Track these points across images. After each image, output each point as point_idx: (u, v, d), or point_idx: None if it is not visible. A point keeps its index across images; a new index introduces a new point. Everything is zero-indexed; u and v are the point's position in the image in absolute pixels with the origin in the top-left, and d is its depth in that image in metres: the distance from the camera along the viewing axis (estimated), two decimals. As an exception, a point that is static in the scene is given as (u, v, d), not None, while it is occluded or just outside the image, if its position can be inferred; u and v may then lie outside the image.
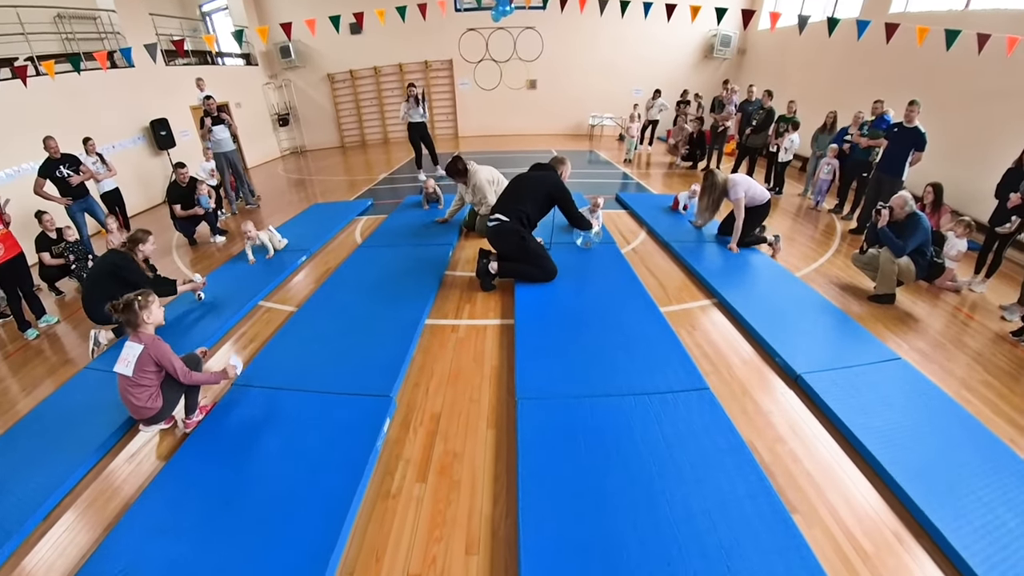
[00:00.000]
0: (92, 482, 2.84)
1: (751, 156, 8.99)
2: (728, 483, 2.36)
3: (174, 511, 2.45)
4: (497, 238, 4.73)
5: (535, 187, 4.80)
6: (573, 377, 3.24)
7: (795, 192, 8.46)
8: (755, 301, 4.26)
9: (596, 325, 3.90)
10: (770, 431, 2.90)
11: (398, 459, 2.79)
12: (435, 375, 3.52)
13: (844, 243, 6.04)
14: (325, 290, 4.85)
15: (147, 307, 3.01)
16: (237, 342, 4.24)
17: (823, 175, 7.38)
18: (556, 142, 13.60)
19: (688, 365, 3.33)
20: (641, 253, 5.65)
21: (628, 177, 9.66)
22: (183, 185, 6.83)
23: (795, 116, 8.09)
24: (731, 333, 3.99)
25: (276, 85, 14.87)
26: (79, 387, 3.66)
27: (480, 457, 2.75)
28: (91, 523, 2.58)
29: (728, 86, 10.01)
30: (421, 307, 4.29)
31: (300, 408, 3.14)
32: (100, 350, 4.22)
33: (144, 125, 9.79)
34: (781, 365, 3.47)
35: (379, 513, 2.46)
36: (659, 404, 2.93)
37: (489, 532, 2.32)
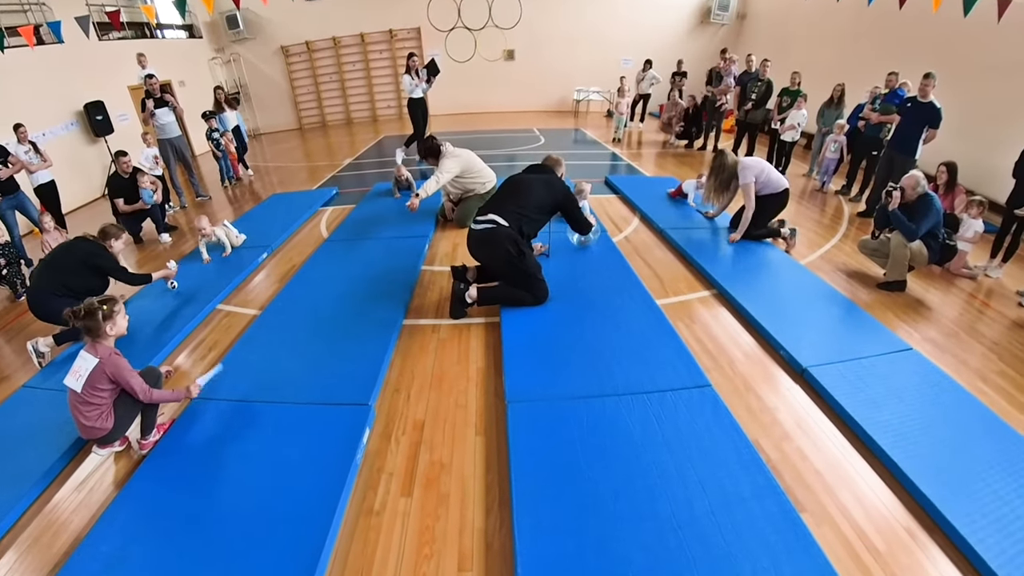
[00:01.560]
0: (35, 516, 2.80)
1: (751, 133, 9.17)
2: (733, 484, 2.48)
3: (132, 542, 2.43)
4: (485, 247, 4.24)
5: (540, 192, 4.39)
6: (565, 377, 3.35)
7: (799, 172, 8.66)
8: (757, 292, 4.40)
9: (588, 321, 4.01)
10: (776, 428, 3.03)
11: (380, 472, 2.85)
12: (416, 380, 3.60)
13: (852, 227, 6.22)
14: (290, 290, 4.89)
15: (111, 317, 2.93)
16: (195, 351, 4.25)
17: (829, 154, 7.55)
18: (537, 119, 13.68)
19: (688, 361, 3.45)
20: (634, 242, 5.78)
21: (618, 158, 9.80)
22: (125, 176, 6.72)
23: (799, 89, 8.22)
24: (732, 326, 4.12)
25: (224, 60, 14.68)
26: (17, 408, 3.59)
27: (469, 466, 2.83)
28: (36, 564, 2.55)
29: (726, 56, 10.13)
30: (398, 306, 4.36)
31: (269, 421, 3.17)
32: (46, 360, 4.14)
33: (78, 109, 9.60)
34: (786, 358, 3.61)
35: (362, 531, 2.52)
36: (658, 403, 3.05)
37: (483, 546, 2.40)
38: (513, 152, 10.16)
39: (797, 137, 8.26)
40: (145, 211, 6.80)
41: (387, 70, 15.20)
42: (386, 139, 12.78)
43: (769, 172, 5.38)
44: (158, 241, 6.81)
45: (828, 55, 10.03)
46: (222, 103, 9.55)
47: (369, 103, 15.72)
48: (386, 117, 15.84)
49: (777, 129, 8.41)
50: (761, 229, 5.45)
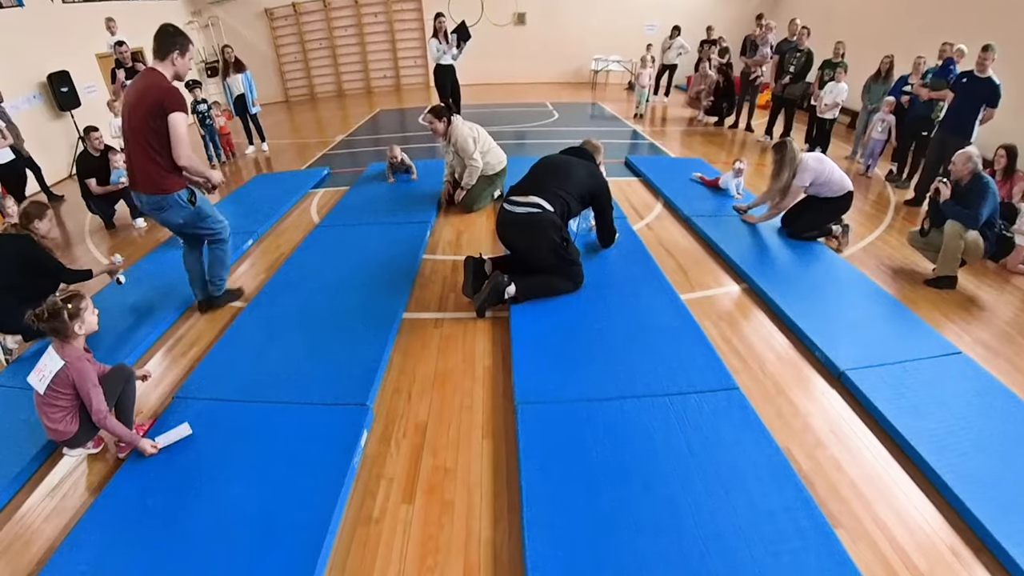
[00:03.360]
0: (5, 523, 2.85)
1: (788, 110, 9.17)
2: (762, 495, 2.53)
3: (110, 552, 2.48)
4: (526, 234, 4.20)
5: (583, 177, 4.38)
6: (580, 378, 3.41)
7: (842, 155, 8.64)
8: (792, 287, 4.44)
9: (605, 316, 4.07)
10: (809, 435, 3.08)
11: (379, 478, 2.92)
12: (418, 379, 3.67)
13: (899, 217, 6.24)
14: (279, 280, 4.96)
15: (78, 315, 2.93)
16: (175, 347, 4.31)
17: (876, 134, 7.50)
18: (550, 92, 13.68)
19: (714, 362, 3.50)
20: (657, 230, 5.82)
21: (639, 136, 9.84)
22: (96, 154, 6.74)
23: (843, 61, 8.16)
24: (764, 324, 4.17)
25: (201, 24, 14.70)
26: None
27: (476, 472, 2.90)
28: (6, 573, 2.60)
29: (763, 23, 10.04)
30: (397, 298, 4.44)
31: (259, 423, 3.23)
32: (13, 357, 4.21)
33: (41, 80, 9.59)
34: (822, 360, 3.65)
35: (360, 540, 2.58)
36: (681, 407, 3.11)
37: (491, 557, 2.46)
38: (523, 129, 10.22)
39: (837, 115, 8.25)
40: (119, 193, 6.78)
41: (383, 36, 15.27)
42: (382, 113, 12.84)
43: (831, 173, 5.19)
44: (132, 226, 6.83)
45: (875, 23, 10.00)
46: (229, 65, 9.44)
47: (363, 74, 15.81)
48: (382, 89, 15.90)
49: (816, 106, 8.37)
50: (815, 231, 5.34)
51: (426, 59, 15.10)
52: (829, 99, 8.06)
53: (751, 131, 9.83)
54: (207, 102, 9.23)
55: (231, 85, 9.48)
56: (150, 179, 3.92)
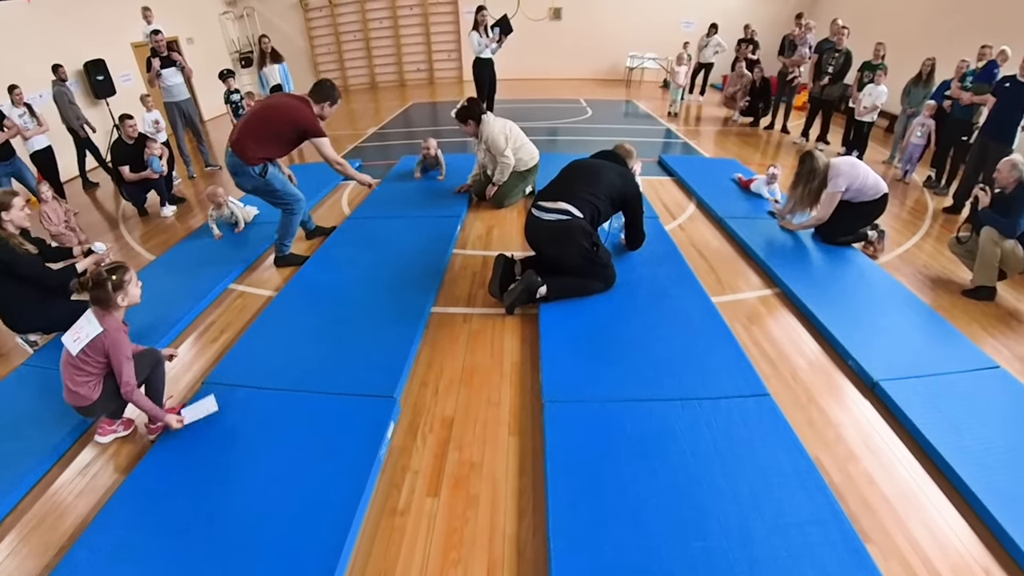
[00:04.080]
0: (38, 498, 2.92)
1: (826, 111, 9.04)
2: (791, 506, 2.50)
3: (138, 532, 2.53)
4: (557, 242, 4.17)
5: (614, 181, 4.34)
6: (609, 378, 3.40)
7: (878, 159, 8.51)
8: (825, 293, 4.38)
9: (635, 317, 4.06)
10: (840, 446, 3.04)
11: (405, 470, 2.94)
12: (445, 373, 3.69)
13: (936, 224, 6.12)
14: (308, 271, 5.02)
15: (122, 286, 2.97)
16: (205, 333, 4.38)
17: (915, 139, 7.36)
18: (584, 89, 13.63)
19: (745, 367, 3.47)
20: (689, 230, 5.78)
21: (673, 135, 9.77)
22: (130, 142, 6.84)
23: (883, 62, 8.03)
24: (796, 330, 4.12)
25: (236, 15, 14.85)
26: (17, 386, 3.73)
27: (501, 468, 2.91)
28: (39, 546, 2.66)
29: (802, 22, 9.90)
30: (426, 292, 4.46)
31: (286, 411, 3.27)
32: (38, 346, 4.24)
33: (77, 68, 9.72)
34: (855, 369, 3.60)
35: (385, 532, 2.61)
36: (710, 411, 3.08)
37: (514, 553, 2.47)
38: (555, 125, 10.18)
39: (875, 118, 8.12)
40: (152, 181, 6.91)
41: (418, 29, 15.30)
42: (415, 107, 12.89)
43: (865, 177, 5.08)
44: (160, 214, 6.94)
45: (917, 24, 9.82)
46: (266, 55, 9.46)
47: (396, 66, 15.89)
48: (415, 82, 15.95)
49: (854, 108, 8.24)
50: (849, 236, 5.25)
51: (460, 53, 15.17)
52: (868, 102, 7.93)
53: (787, 132, 9.72)
54: (240, 92, 9.32)
55: (267, 75, 9.51)
56: (244, 148, 4.71)
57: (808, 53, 9.42)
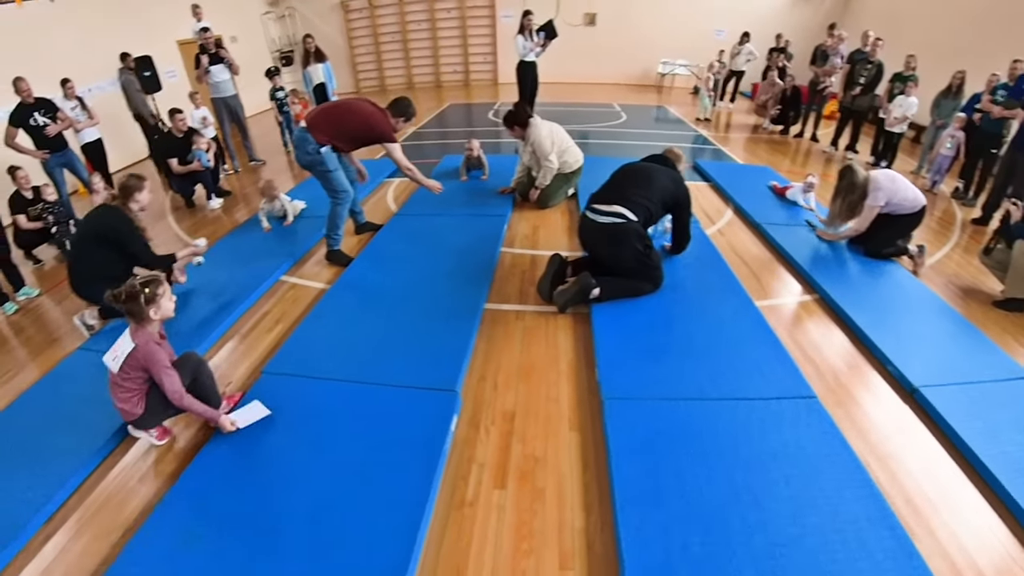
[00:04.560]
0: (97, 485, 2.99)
1: (856, 121, 9.00)
2: (843, 504, 2.55)
3: (206, 519, 2.60)
4: (612, 244, 4.22)
5: (666, 185, 4.37)
6: (663, 377, 3.45)
7: (907, 169, 8.41)
8: (863, 299, 4.40)
9: (684, 318, 4.11)
10: (883, 449, 3.08)
11: (470, 462, 2.99)
12: (502, 369, 3.75)
13: (965, 235, 6.09)
14: (360, 265, 5.10)
15: (155, 301, 2.90)
16: (260, 323, 4.48)
17: (944, 150, 7.28)
18: (617, 93, 13.61)
19: (791, 369, 3.51)
20: (728, 235, 5.81)
21: (705, 141, 9.74)
22: (179, 135, 6.98)
23: (914, 74, 7.99)
24: (836, 335, 4.14)
25: (278, 15, 14.95)
26: (75, 370, 3.81)
27: (565, 463, 2.96)
28: (105, 527, 2.75)
29: (835, 32, 9.86)
30: (478, 289, 4.52)
31: (348, 402, 3.32)
32: (96, 331, 4.37)
33: None
34: (895, 375, 3.63)
35: (455, 523, 2.65)
36: (762, 411, 3.14)
37: (584, 547, 2.51)
38: (588, 128, 10.19)
39: (905, 128, 8.07)
40: (198, 173, 7.03)
41: (455, 31, 15.34)
42: (451, 108, 12.93)
43: (904, 191, 5.02)
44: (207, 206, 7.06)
45: (948, 37, 9.69)
46: (310, 54, 9.49)
47: (433, 67, 15.95)
48: (451, 84, 15.99)
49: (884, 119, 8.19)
50: (889, 249, 5.19)
51: (495, 55, 15.17)
52: (898, 112, 7.89)
53: (816, 141, 9.69)
54: (284, 90, 9.43)
55: (311, 74, 9.55)
56: (316, 127, 4.86)
57: (840, 63, 9.36)
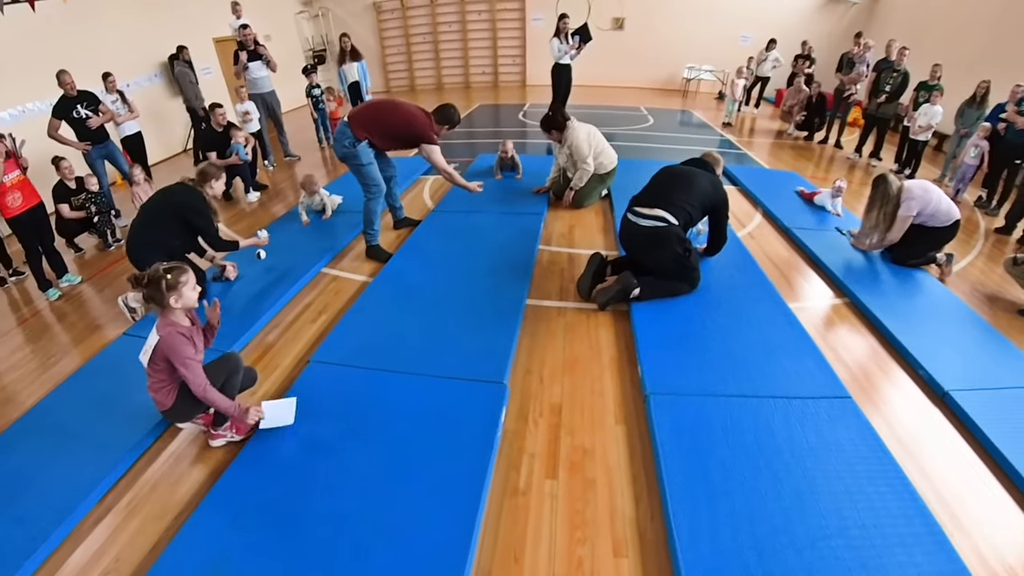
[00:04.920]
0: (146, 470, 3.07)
1: (880, 128, 8.96)
2: (880, 500, 2.61)
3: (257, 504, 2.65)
4: (652, 247, 4.25)
5: (706, 188, 4.37)
6: (703, 374, 3.50)
7: (930, 177, 8.33)
8: (893, 304, 4.41)
9: (721, 317, 4.14)
10: (915, 449, 3.11)
11: (521, 452, 3.06)
12: (547, 363, 3.81)
13: (988, 243, 6.06)
14: (401, 259, 5.17)
15: (176, 288, 2.77)
16: (304, 313, 4.58)
17: (968, 159, 7.23)
18: (643, 97, 13.58)
19: (826, 370, 3.55)
20: (758, 239, 5.83)
21: (731, 145, 9.71)
22: (218, 130, 7.06)
23: (939, 83, 7.93)
24: (866, 338, 4.17)
25: (311, 15, 15.03)
26: (121, 354, 3.91)
27: (613, 455, 3.03)
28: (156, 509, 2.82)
29: (861, 40, 9.80)
30: (519, 284, 4.57)
31: (398, 391, 3.40)
32: (138, 315, 4.51)
33: (162, 60, 9.95)
34: (925, 379, 3.65)
35: (509, 511, 2.71)
36: (800, 410, 3.18)
37: (636, 535, 2.58)
38: (616, 131, 10.18)
39: (930, 137, 8.03)
40: (236, 167, 7.08)
41: (485, 33, 15.37)
42: (480, 108, 12.98)
43: (938, 202, 4.93)
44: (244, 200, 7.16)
45: (974, 46, 9.58)
46: (346, 53, 9.54)
47: (463, 68, 15.98)
48: (480, 85, 16.03)
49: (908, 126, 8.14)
50: (919, 259, 5.14)
51: (524, 57, 15.19)
52: (923, 121, 7.84)
53: (840, 147, 9.64)
54: (320, 87, 9.52)
55: (346, 72, 9.61)
56: (359, 127, 4.93)
57: (866, 71, 9.30)
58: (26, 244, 5.17)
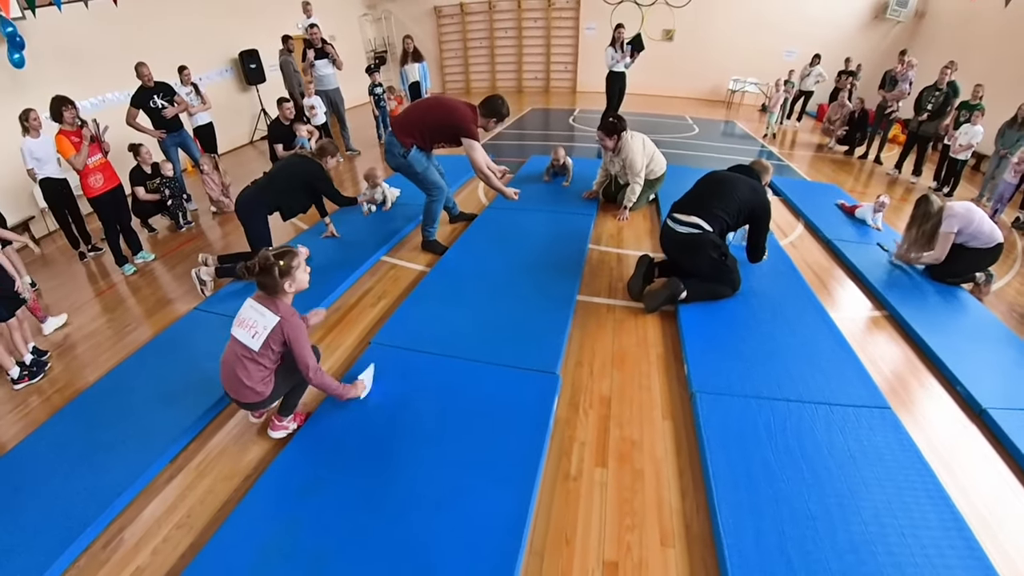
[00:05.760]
0: (215, 434, 3.17)
1: (921, 145, 8.71)
2: (918, 509, 2.55)
3: (322, 476, 2.70)
4: (687, 253, 4.23)
5: (746, 194, 4.24)
6: (747, 375, 3.46)
7: (968, 196, 8.10)
8: (932, 320, 4.28)
9: (764, 322, 4.08)
10: (952, 462, 3.02)
11: (572, 441, 3.07)
12: (597, 356, 3.80)
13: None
14: (457, 251, 5.17)
15: (289, 273, 2.72)
16: (364, 298, 4.65)
17: (1008, 178, 7.01)
18: (688, 107, 13.40)
19: (866, 379, 3.47)
20: (800, 249, 5.71)
21: (773, 157, 9.51)
22: (286, 123, 7.15)
23: (980, 103, 7.69)
24: (905, 351, 4.06)
25: (374, 17, 15.14)
26: (187, 330, 4.09)
27: (660, 448, 3.02)
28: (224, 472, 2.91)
29: (905, 58, 9.53)
30: (571, 280, 4.56)
31: (455, 376, 3.43)
32: (208, 288, 4.67)
33: (233, 56, 10.16)
34: (963, 395, 3.54)
35: (561, 495, 2.74)
36: (841, 416, 3.12)
37: (682, 527, 2.57)
38: (664, 138, 10.06)
39: (969, 156, 7.77)
40: None
41: (539, 39, 15.27)
42: (531, 112, 12.93)
43: (980, 224, 4.73)
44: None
45: (1013, 68, 9.23)
46: (408, 54, 9.60)
47: (516, 73, 15.93)
48: (532, 89, 15.99)
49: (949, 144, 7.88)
50: (957, 278, 4.94)
51: (575, 64, 15.10)
52: (964, 140, 7.59)
53: (880, 163, 9.38)
54: (382, 86, 9.60)
55: (407, 72, 9.70)
56: (403, 132, 4.85)
57: (908, 89, 9.06)
58: (106, 222, 5.37)
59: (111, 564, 2.50)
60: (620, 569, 2.39)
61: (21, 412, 3.58)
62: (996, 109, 7.83)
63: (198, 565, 2.33)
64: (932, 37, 11.98)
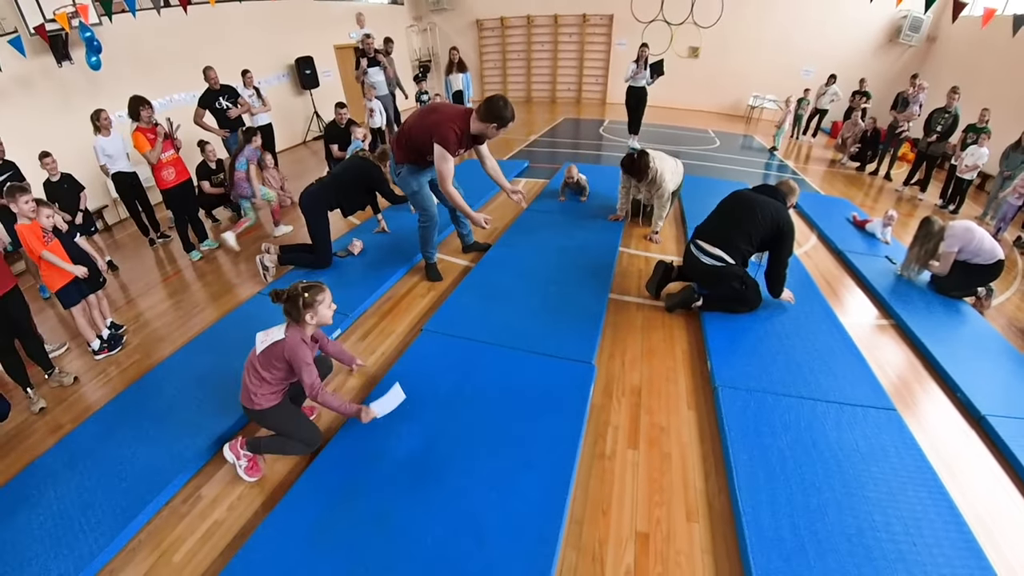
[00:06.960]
0: None
1: (929, 164, 8.61)
2: (921, 507, 2.59)
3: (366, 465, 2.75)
4: (709, 280, 4.12)
5: (766, 221, 3.97)
6: (765, 373, 3.52)
7: (972, 214, 8.01)
8: (935, 330, 4.28)
9: (781, 326, 4.11)
10: (952, 464, 3.04)
11: (606, 425, 3.18)
12: (628, 349, 3.89)
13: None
14: (499, 249, 5.26)
15: (312, 306, 2.65)
16: (413, 289, 4.76)
17: (1011, 198, 6.93)
18: (709, 120, 13.30)
19: (874, 383, 3.51)
20: (814, 259, 5.71)
21: (789, 170, 9.45)
22: (341, 126, 7.22)
23: (987, 126, 7.56)
24: (909, 358, 4.07)
25: (420, 29, 15.12)
26: (250, 312, 4.22)
27: (685, 435, 3.11)
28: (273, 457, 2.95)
29: (916, 81, 9.41)
30: (602, 279, 4.64)
31: (500, 362, 3.54)
32: (271, 274, 4.81)
33: (289, 62, 10.26)
34: (963, 402, 3.55)
35: (598, 472, 2.86)
36: (849, 415, 3.18)
37: (706, 505, 2.68)
38: (686, 150, 10.04)
39: (973, 177, 7.67)
40: None
41: (573, 53, 15.22)
42: (564, 122, 12.89)
43: (980, 242, 4.68)
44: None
45: (1019, 93, 9.10)
46: (453, 64, 9.61)
47: (550, 84, 15.87)
48: (564, 100, 15.93)
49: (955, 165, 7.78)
50: (959, 291, 4.90)
51: (607, 77, 15.05)
52: (970, 161, 7.49)
53: (889, 179, 9.26)
54: (428, 93, 9.67)
55: (451, 81, 9.68)
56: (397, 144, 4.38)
57: (918, 111, 8.97)
58: (176, 212, 5.56)
59: (191, 517, 2.66)
60: (651, 539, 2.51)
61: (103, 380, 3.79)
62: (1001, 132, 7.71)
63: (273, 519, 2.48)
64: (942, 61, 11.75)
